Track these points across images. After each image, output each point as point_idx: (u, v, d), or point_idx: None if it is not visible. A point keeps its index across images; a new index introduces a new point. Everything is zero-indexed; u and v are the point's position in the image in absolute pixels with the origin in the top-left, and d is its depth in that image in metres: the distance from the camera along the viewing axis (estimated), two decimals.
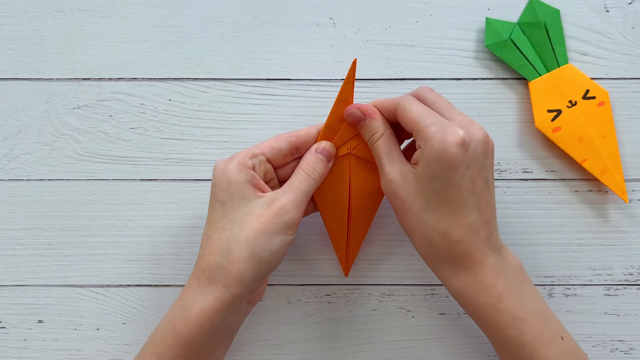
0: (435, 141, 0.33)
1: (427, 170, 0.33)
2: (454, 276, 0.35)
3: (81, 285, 0.45)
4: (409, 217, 0.35)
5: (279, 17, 0.46)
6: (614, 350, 0.44)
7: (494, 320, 0.35)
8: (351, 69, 0.37)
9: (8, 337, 0.45)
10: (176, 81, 0.46)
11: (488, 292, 0.34)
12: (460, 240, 0.34)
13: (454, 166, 0.33)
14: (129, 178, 0.45)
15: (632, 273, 0.45)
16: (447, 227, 0.34)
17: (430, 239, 0.35)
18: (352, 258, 0.42)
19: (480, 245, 0.34)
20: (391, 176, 0.36)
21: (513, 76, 0.46)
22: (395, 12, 0.46)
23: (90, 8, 0.47)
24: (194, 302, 0.34)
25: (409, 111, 0.35)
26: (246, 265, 0.34)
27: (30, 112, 0.46)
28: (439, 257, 0.35)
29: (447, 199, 0.34)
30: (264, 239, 0.34)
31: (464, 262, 0.35)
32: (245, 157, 0.36)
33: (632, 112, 0.45)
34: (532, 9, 0.45)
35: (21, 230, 0.45)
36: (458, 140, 0.32)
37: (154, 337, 0.36)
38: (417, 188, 0.34)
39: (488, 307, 0.34)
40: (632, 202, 0.45)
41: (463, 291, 0.35)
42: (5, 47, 0.46)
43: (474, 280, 0.35)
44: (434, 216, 0.34)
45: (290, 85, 0.46)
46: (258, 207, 0.35)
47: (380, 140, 0.37)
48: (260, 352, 0.44)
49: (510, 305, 0.34)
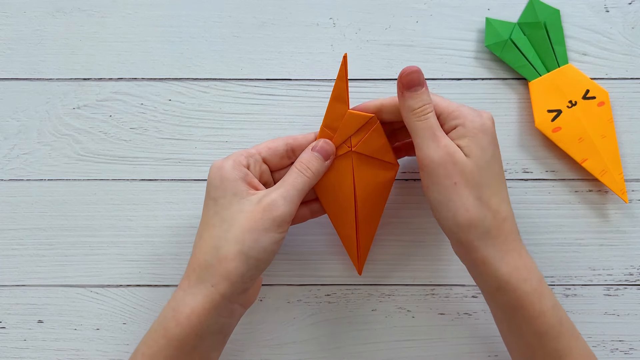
0: (475, 116, 0.35)
1: (476, 143, 0.34)
2: (503, 260, 0.34)
3: (81, 285, 0.45)
4: (464, 194, 0.34)
5: (279, 17, 0.46)
6: (614, 350, 0.44)
7: (538, 307, 0.33)
8: (342, 64, 0.37)
9: (8, 337, 0.45)
10: (176, 81, 0.46)
11: (532, 275, 0.34)
12: (508, 217, 0.35)
13: (494, 141, 0.35)
14: (129, 178, 0.45)
15: (632, 273, 0.45)
16: (498, 202, 0.34)
17: (485, 216, 0.34)
18: (364, 257, 0.42)
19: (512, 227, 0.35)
20: (450, 147, 0.34)
21: (513, 76, 0.46)
22: (395, 12, 0.46)
23: (90, 8, 0.47)
24: (184, 302, 0.34)
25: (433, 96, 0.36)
26: (234, 263, 0.33)
27: (30, 112, 0.46)
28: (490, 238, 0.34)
29: (496, 173, 0.35)
30: (253, 236, 0.34)
31: (510, 243, 0.34)
32: (240, 156, 0.36)
33: (632, 112, 0.45)
34: (532, 9, 0.45)
35: (21, 230, 0.45)
36: (490, 117, 0.36)
37: (146, 339, 0.35)
38: (473, 160, 0.34)
39: (534, 293, 0.33)
40: (632, 202, 0.45)
41: (512, 275, 0.33)
42: (5, 47, 0.46)
43: (522, 262, 0.34)
44: (488, 191, 0.34)
45: (290, 85, 0.46)
46: (249, 203, 0.35)
47: (432, 112, 0.35)
48: (260, 352, 0.44)
49: (547, 291, 0.34)
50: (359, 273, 0.42)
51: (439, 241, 0.45)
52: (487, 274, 0.34)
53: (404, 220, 0.45)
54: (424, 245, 0.45)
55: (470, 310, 0.44)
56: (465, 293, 0.45)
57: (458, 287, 0.45)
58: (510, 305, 0.34)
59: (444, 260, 0.45)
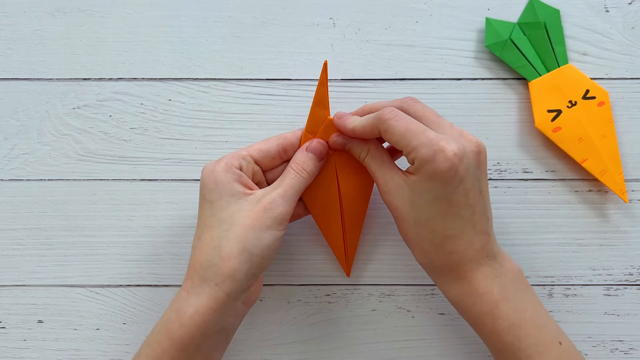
0: (427, 162, 0.32)
1: (420, 184, 0.34)
2: (450, 285, 0.36)
3: (81, 285, 0.45)
4: (405, 227, 0.36)
5: (279, 17, 0.46)
6: (614, 350, 0.44)
7: (491, 327, 0.35)
8: (322, 71, 0.37)
9: (8, 337, 0.45)
10: (176, 81, 0.46)
11: (483, 299, 0.35)
12: (454, 251, 0.34)
13: (447, 183, 0.33)
14: (129, 178, 0.45)
15: (632, 273, 0.45)
16: (440, 239, 0.34)
17: (425, 249, 0.35)
18: (351, 257, 0.42)
19: (474, 255, 0.35)
20: (385, 187, 0.36)
21: (513, 76, 0.46)
22: (395, 12, 0.46)
23: (91, 8, 0.47)
24: (187, 302, 0.34)
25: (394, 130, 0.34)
26: (238, 261, 0.34)
27: (30, 112, 0.46)
28: (435, 267, 0.36)
29: (440, 212, 0.34)
30: (255, 234, 0.34)
31: (458, 272, 0.35)
32: (232, 158, 0.37)
33: (632, 112, 0.45)
34: (532, 9, 0.45)
35: (21, 230, 0.45)
36: (449, 158, 0.32)
37: (149, 340, 0.35)
38: (410, 198, 0.34)
39: (484, 315, 0.35)
40: (632, 202, 0.45)
41: (459, 299, 0.35)
42: (5, 47, 0.46)
43: (470, 289, 0.35)
44: (427, 228, 0.34)
45: (290, 85, 0.46)
46: (247, 203, 0.35)
47: (367, 156, 0.37)
48: (260, 352, 0.44)
49: (507, 312, 0.34)
50: (347, 274, 0.43)
51: None
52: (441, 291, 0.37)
53: None
54: None
55: None
56: None
57: None
58: (467, 321, 0.37)
59: None
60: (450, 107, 0.45)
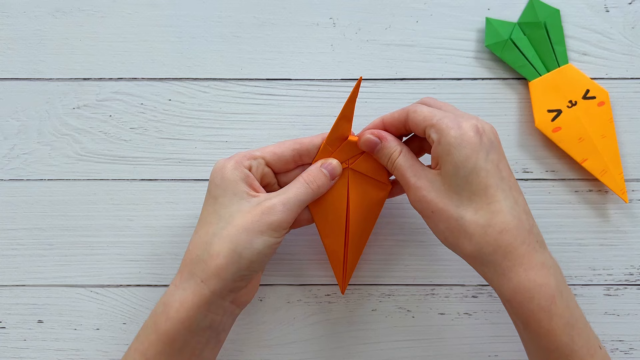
0: (452, 129, 0.33)
1: (451, 160, 0.33)
2: (505, 277, 0.32)
3: (81, 285, 0.45)
4: (444, 219, 0.34)
5: (279, 17, 0.46)
6: (614, 350, 0.44)
7: (546, 326, 0.32)
8: (356, 87, 0.36)
9: (8, 337, 0.45)
10: (176, 81, 0.46)
11: (542, 292, 0.32)
12: (504, 229, 0.32)
13: (476, 149, 0.33)
14: (129, 178, 0.45)
15: (632, 273, 0.45)
16: (487, 217, 0.32)
17: (472, 235, 0.32)
18: (348, 276, 0.41)
19: (526, 237, 0.32)
20: (418, 184, 0.35)
21: (513, 76, 0.46)
22: (395, 12, 0.46)
23: (90, 8, 0.47)
24: (174, 296, 0.34)
25: (420, 112, 0.35)
26: (225, 261, 0.34)
27: (30, 112, 0.46)
28: (486, 256, 0.33)
29: (478, 186, 0.33)
30: (247, 237, 0.34)
31: (512, 257, 0.32)
32: (243, 157, 0.37)
33: (632, 112, 0.45)
34: (532, 9, 0.45)
35: (21, 230, 0.45)
36: (472, 125, 0.33)
37: (139, 334, 0.36)
38: (446, 185, 0.34)
39: (541, 311, 0.32)
40: (632, 202, 0.45)
41: (515, 293, 0.32)
42: (5, 47, 0.46)
43: (527, 279, 0.32)
44: (469, 208, 0.33)
45: (290, 85, 0.46)
46: (248, 204, 0.35)
47: (399, 157, 0.36)
48: (260, 352, 0.44)
49: (562, 309, 0.32)
50: (341, 292, 0.42)
51: (439, 241, 0.45)
52: (494, 287, 0.34)
53: (404, 220, 0.45)
54: (424, 245, 0.45)
55: (470, 310, 0.44)
56: (465, 293, 0.45)
57: (458, 287, 0.45)
58: (519, 320, 0.33)
59: (444, 260, 0.45)
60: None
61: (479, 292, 0.45)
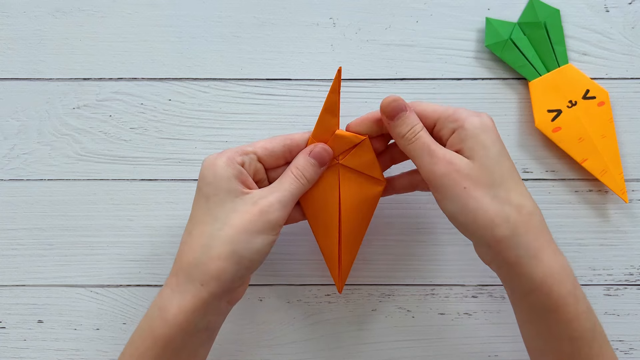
0: (473, 116, 0.34)
1: (479, 142, 0.33)
2: (536, 258, 0.32)
3: (81, 285, 0.45)
4: (477, 197, 0.32)
5: (279, 17, 0.46)
6: (614, 350, 0.44)
7: (574, 310, 0.32)
8: (336, 78, 0.36)
9: (8, 337, 0.45)
10: (176, 81, 0.46)
11: (568, 276, 0.32)
12: (533, 211, 0.33)
13: (498, 136, 0.34)
14: (129, 178, 0.45)
15: (632, 273, 0.45)
16: (518, 198, 0.33)
17: (508, 215, 0.32)
18: (345, 275, 0.40)
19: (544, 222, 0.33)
20: (449, 155, 0.34)
21: (513, 76, 0.46)
22: (395, 12, 0.46)
23: (90, 8, 0.47)
24: (171, 301, 0.33)
25: (428, 105, 0.36)
26: (226, 263, 0.33)
27: (30, 112, 0.46)
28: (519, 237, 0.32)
29: (507, 168, 0.34)
30: (247, 237, 0.34)
31: (542, 241, 0.32)
32: (235, 153, 0.36)
33: (632, 112, 0.45)
34: (532, 9, 0.45)
35: (21, 230, 0.45)
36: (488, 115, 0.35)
37: (133, 339, 0.35)
38: (477, 164, 0.33)
39: (569, 295, 0.32)
40: (632, 202, 0.45)
41: (546, 276, 0.32)
42: (5, 47, 0.46)
43: (556, 262, 0.32)
44: (502, 188, 0.33)
45: (290, 85, 0.46)
46: (243, 203, 0.34)
47: (422, 130, 0.35)
48: (260, 352, 0.44)
49: (582, 293, 0.33)
50: (339, 291, 0.41)
51: (439, 241, 0.45)
52: (520, 275, 0.32)
53: (404, 220, 0.45)
54: (424, 245, 0.45)
55: (470, 310, 0.45)
56: (465, 293, 0.45)
57: (458, 287, 0.45)
58: (543, 308, 0.32)
59: (444, 260, 0.45)
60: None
61: (479, 292, 0.45)
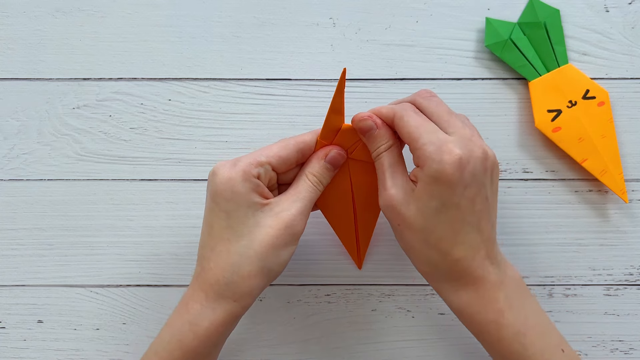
0: (433, 161, 0.32)
1: (426, 189, 0.33)
2: (456, 294, 0.35)
3: (81, 285, 0.45)
4: (408, 236, 0.34)
5: (279, 17, 0.46)
6: (614, 350, 0.44)
7: (496, 336, 0.34)
8: (341, 78, 0.36)
9: (8, 337, 0.45)
10: (176, 81, 0.46)
11: (490, 307, 0.34)
12: (461, 258, 0.34)
13: (452, 187, 0.32)
14: (129, 178, 0.45)
15: (632, 273, 0.45)
16: (447, 246, 0.34)
17: (430, 257, 0.34)
18: (364, 251, 0.42)
19: (481, 262, 0.34)
20: (392, 190, 0.34)
21: (513, 76, 0.46)
22: (395, 12, 0.46)
23: (90, 8, 0.47)
24: (202, 316, 0.34)
25: (406, 125, 0.34)
26: (257, 280, 0.34)
27: (30, 112, 0.46)
28: (440, 275, 0.35)
29: (446, 219, 0.33)
30: (274, 252, 0.34)
31: (465, 280, 0.34)
32: (250, 166, 0.35)
33: (632, 112, 0.45)
34: (532, 9, 0.45)
35: (21, 230, 0.45)
36: (455, 160, 0.32)
37: (157, 349, 0.35)
38: (416, 206, 0.34)
39: (490, 323, 0.34)
40: (632, 202, 0.45)
41: (464, 307, 0.35)
42: (5, 47, 0.46)
43: (476, 297, 0.34)
44: (433, 235, 0.34)
45: (290, 85, 0.46)
46: (265, 217, 0.35)
47: (386, 152, 0.36)
48: (260, 352, 0.44)
49: (512, 319, 0.34)
50: (359, 267, 0.43)
51: None
52: (444, 300, 0.36)
53: None
54: None
55: None
56: None
57: None
58: (471, 330, 0.36)
59: None
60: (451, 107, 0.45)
61: None
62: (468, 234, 0.34)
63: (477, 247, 0.34)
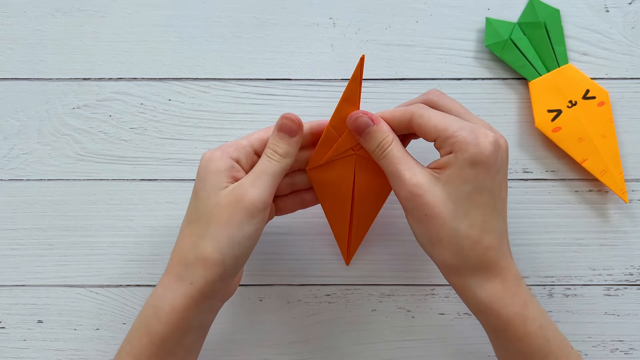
0: (470, 145, 0.32)
1: (460, 174, 0.32)
2: (482, 287, 0.33)
3: (81, 285, 0.45)
4: (436, 225, 0.33)
5: (279, 17, 0.46)
6: (614, 350, 0.44)
7: (522, 330, 0.33)
8: (359, 65, 0.35)
9: (8, 337, 0.45)
10: (176, 81, 0.46)
11: (515, 300, 0.33)
12: (491, 246, 0.33)
13: (488, 169, 0.32)
14: (129, 178, 0.45)
15: (632, 273, 0.45)
16: (478, 233, 0.33)
17: (462, 247, 0.33)
18: (354, 247, 0.42)
19: (506, 252, 0.34)
20: (415, 180, 0.33)
21: (513, 76, 0.46)
22: (395, 12, 0.46)
23: (90, 8, 0.47)
24: (163, 299, 0.34)
25: (430, 119, 0.33)
26: (211, 263, 0.33)
27: (30, 112, 0.46)
28: (468, 267, 0.33)
29: (478, 204, 0.32)
30: (227, 232, 0.33)
31: (492, 270, 0.33)
32: (229, 147, 0.35)
33: (632, 112, 0.45)
34: (532, 9, 0.45)
35: (21, 230, 0.45)
36: (492, 142, 0.32)
37: (129, 337, 0.35)
38: (446, 193, 0.33)
39: (516, 317, 0.33)
40: (632, 202, 0.45)
41: (491, 302, 0.33)
42: (5, 47, 0.46)
43: (503, 289, 0.33)
44: (464, 222, 0.32)
45: (290, 85, 0.46)
46: (222, 196, 0.34)
47: (392, 145, 0.35)
48: (260, 352, 0.44)
49: (535, 312, 0.33)
50: (346, 263, 0.43)
51: None
52: (468, 297, 0.34)
53: (404, 220, 0.45)
54: None
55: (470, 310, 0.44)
56: None
57: None
58: (493, 328, 0.34)
59: None
60: None
61: None
62: (495, 220, 0.33)
63: (502, 236, 0.34)
